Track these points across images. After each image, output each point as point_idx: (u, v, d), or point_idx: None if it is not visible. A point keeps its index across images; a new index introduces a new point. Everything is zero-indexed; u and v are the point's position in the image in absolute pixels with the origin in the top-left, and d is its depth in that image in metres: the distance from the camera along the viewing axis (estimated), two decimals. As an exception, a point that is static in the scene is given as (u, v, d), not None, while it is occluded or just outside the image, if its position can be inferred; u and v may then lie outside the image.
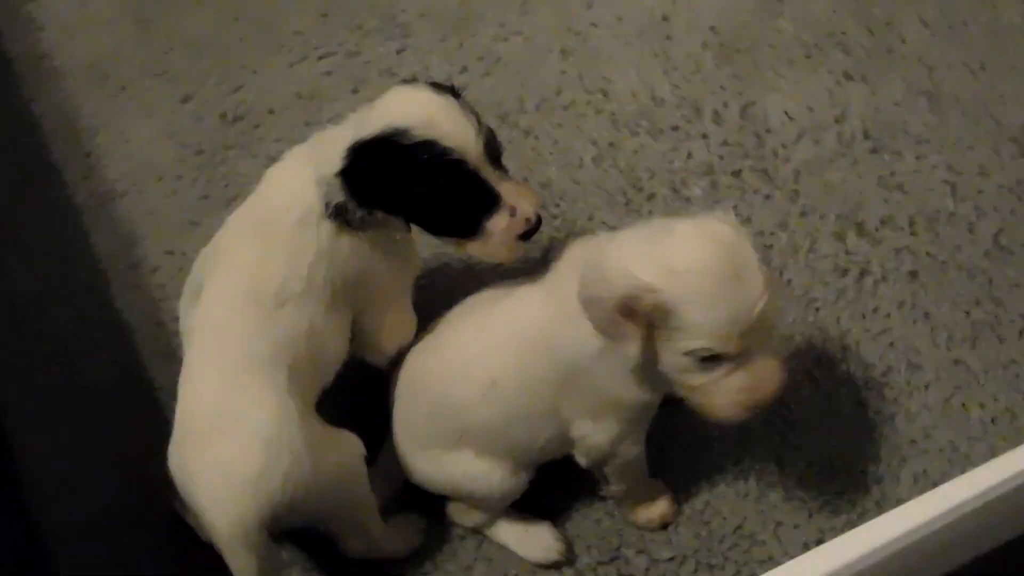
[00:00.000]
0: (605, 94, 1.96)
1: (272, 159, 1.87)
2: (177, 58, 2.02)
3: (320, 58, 2.01)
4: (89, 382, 1.74)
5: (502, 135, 1.42)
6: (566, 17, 2.05)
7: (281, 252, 1.42)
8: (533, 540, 1.61)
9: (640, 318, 1.26)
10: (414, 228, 1.45)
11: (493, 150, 1.36)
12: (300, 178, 1.42)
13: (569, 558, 1.61)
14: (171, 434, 1.43)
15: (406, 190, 1.34)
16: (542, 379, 1.42)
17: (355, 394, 1.57)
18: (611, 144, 1.91)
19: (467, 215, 1.37)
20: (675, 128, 1.93)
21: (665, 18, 2.04)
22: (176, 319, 1.77)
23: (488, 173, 1.34)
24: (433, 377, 1.52)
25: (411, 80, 1.40)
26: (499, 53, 2.01)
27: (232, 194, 1.87)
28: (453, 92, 1.37)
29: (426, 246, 1.64)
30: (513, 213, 1.37)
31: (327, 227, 1.40)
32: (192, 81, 2.00)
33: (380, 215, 1.38)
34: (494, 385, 1.45)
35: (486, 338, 1.47)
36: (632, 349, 1.28)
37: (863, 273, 1.79)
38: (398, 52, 2.01)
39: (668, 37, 2.01)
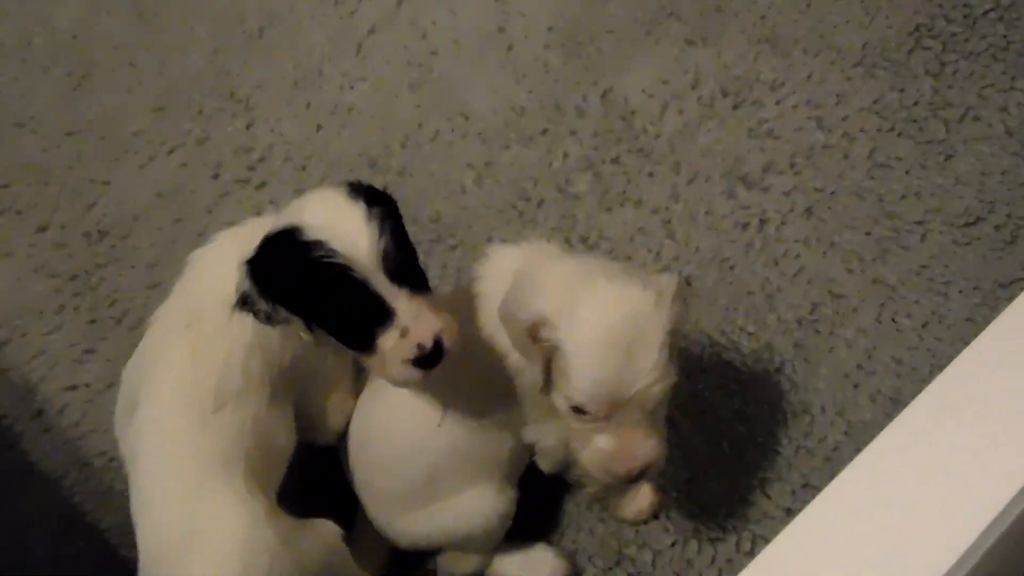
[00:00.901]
0: (466, 117, 1.95)
1: (152, 265, 1.82)
2: (19, 190, 1.91)
3: (170, 152, 1.94)
4: (30, 547, 1.62)
5: (377, 181, 1.40)
6: (404, 53, 2.03)
7: (212, 348, 1.36)
8: (535, 563, 1.58)
9: (543, 347, 1.27)
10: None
11: (395, 264, 1.26)
12: (226, 263, 1.34)
13: (575, 571, 1.59)
14: (135, 571, 1.36)
15: (295, 288, 1.27)
16: (485, 392, 1.40)
17: (310, 477, 1.52)
18: (487, 163, 1.91)
19: (353, 326, 1.29)
20: (544, 132, 1.93)
21: (501, 29, 2.05)
22: (102, 454, 1.69)
23: (381, 286, 1.25)
24: (382, 435, 1.47)
25: (352, 182, 1.33)
26: (349, 103, 1.98)
27: (121, 311, 1.79)
28: (374, 197, 1.29)
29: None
30: (405, 334, 1.27)
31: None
32: (43, 209, 1.89)
33: (282, 312, 1.30)
34: (444, 414, 1.41)
35: None
36: (536, 372, 1.30)
37: (763, 222, 1.83)
38: (248, 127, 1.95)
39: (510, 47, 2.02)
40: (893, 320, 1.73)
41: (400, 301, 1.26)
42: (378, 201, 1.29)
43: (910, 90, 1.94)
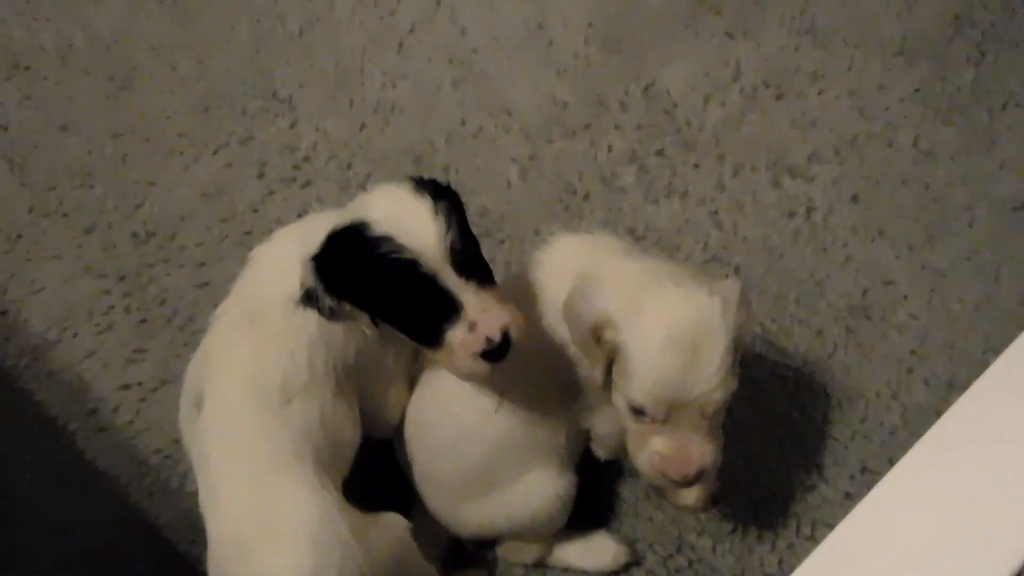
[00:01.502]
0: (509, 112, 1.95)
1: (200, 264, 1.83)
2: (65, 192, 1.91)
3: (214, 153, 1.93)
4: (87, 545, 1.61)
5: (409, 174, 1.42)
6: (444, 50, 2.03)
7: (276, 343, 1.36)
8: (596, 549, 1.59)
9: (605, 347, 1.28)
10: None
11: (462, 257, 1.27)
12: (287, 260, 1.35)
13: (636, 558, 1.60)
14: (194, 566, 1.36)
15: (362, 283, 1.29)
16: (541, 378, 1.41)
17: (364, 472, 1.51)
18: (531, 158, 1.91)
19: (421, 320, 1.29)
20: (587, 126, 1.94)
21: (540, 26, 2.05)
22: (157, 451, 1.69)
23: (449, 280, 1.26)
24: (439, 423, 1.47)
25: (416, 177, 1.33)
26: (392, 101, 1.98)
27: (170, 311, 1.78)
28: (439, 191, 1.30)
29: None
30: (473, 328, 1.28)
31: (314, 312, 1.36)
32: (89, 210, 1.89)
33: (348, 307, 1.32)
34: (501, 401, 1.41)
35: None
36: (597, 372, 1.31)
37: (809, 211, 1.84)
38: (291, 126, 1.95)
39: (550, 43, 2.02)
40: (944, 305, 1.74)
41: (468, 295, 1.27)
42: (443, 195, 1.30)
43: (951, 78, 1.95)
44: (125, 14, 2.11)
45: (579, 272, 1.36)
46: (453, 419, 1.46)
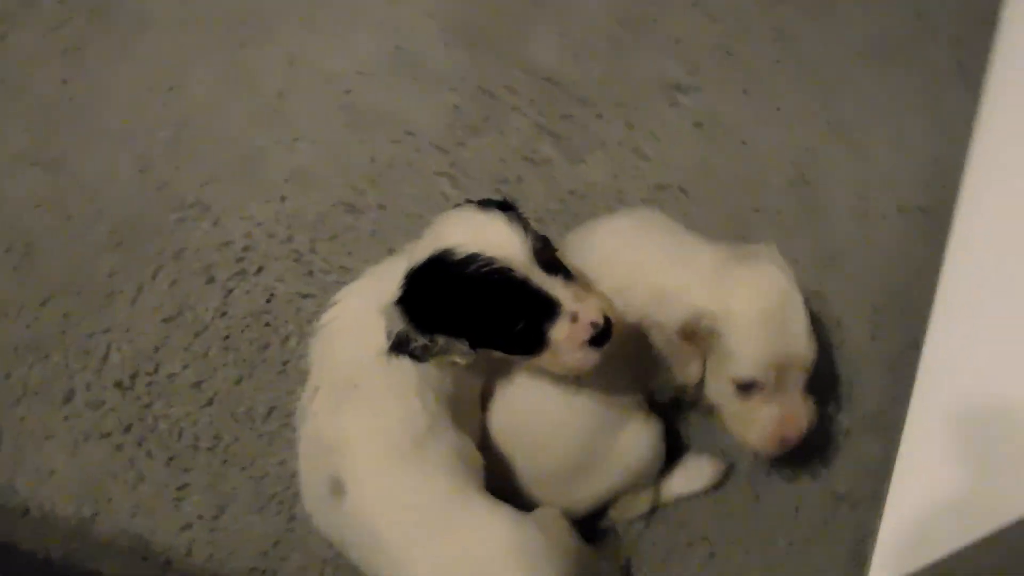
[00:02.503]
0: (411, 134, 2.01)
1: (196, 385, 1.80)
2: (22, 373, 1.81)
3: (154, 277, 1.88)
4: None
5: (361, 223, 1.47)
6: (322, 101, 2.06)
7: (387, 399, 1.41)
8: (696, 471, 1.71)
9: (699, 340, 1.45)
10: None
11: (545, 257, 1.34)
12: (361, 317, 1.40)
13: (731, 463, 1.73)
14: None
15: (460, 308, 1.33)
16: (616, 358, 1.48)
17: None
18: (453, 164, 1.98)
19: (524, 327, 1.35)
20: (487, 119, 2.03)
21: (398, 47, 2.11)
22: (251, 570, 1.67)
23: (540, 280, 1.32)
24: (530, 425, 1.56)
25: (459, 204, 1.40)
26: (299, 165, 1.99)
27: (191, 437, 1.75)
28: (502, 206, 1.36)
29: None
30: (575, 319, 1.34)
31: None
32: (57, 380, 1.81)
33: (442, 341, 1.36)
34: (579, 381, 1.51)
35: None
36: (693, 370, 1.48)
37: (713, 114, 2.01)
38: (215, 224, 1.93)
39: (415, 60, 2.09)
40: (865, 151, 1.95)
41: (560, 290, 1.34)
42: (507, 207, 1.38)
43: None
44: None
45: (622, 255, 1.52)
46: (541, 419, 1.55)
